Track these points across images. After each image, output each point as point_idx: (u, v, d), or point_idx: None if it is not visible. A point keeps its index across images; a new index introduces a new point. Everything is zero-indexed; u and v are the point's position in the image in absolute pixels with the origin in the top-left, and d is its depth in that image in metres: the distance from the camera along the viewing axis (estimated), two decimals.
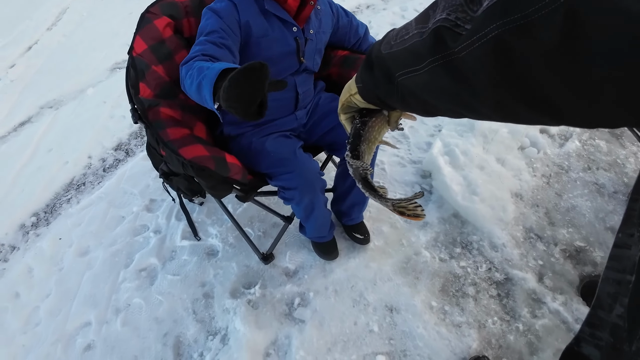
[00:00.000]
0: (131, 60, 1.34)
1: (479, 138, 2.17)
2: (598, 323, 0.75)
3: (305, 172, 1.35)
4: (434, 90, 0.49)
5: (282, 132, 1.49)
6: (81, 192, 2.31)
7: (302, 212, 1.49)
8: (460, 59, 0.42)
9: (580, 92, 0.34)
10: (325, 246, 1.75)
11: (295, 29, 1.35)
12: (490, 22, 0.38)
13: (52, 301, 1.79)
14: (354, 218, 1.79)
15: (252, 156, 1.41)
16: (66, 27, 4.46)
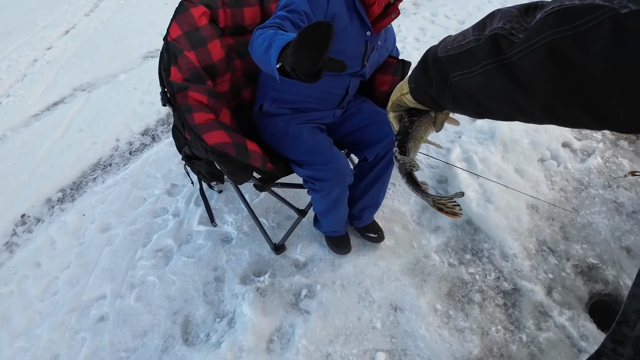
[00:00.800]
0: (165, 45, 1.40)
1: (499, 147, 2.16)
2: (621, 339, 0.74)
3: (339, 165, 1.38)
4: (486, 92, 0.53)
5: (318, 124, 1.53)
6: (107, 172, 2.41)
7: (325, 205, 1.51)
8: (512, 63, 0.47)
9: (628, 94, 0.37)
10: (340, 240, 1.78)
11: (369, 33, 1.39)
12: (542, 31, 0.42)
13: (71, 272, 1.87)
14: (365, 220, 1.81)
15: (287, 141, 1.44)
16: (103, 13, 4.62)
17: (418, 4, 4.20)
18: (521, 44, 0.45)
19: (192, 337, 1.61)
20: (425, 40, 3.56)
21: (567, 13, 0.40)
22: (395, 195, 2.06)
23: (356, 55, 1.41)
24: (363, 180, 1.66)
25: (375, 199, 1.72)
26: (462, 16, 3.94)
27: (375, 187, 1.67)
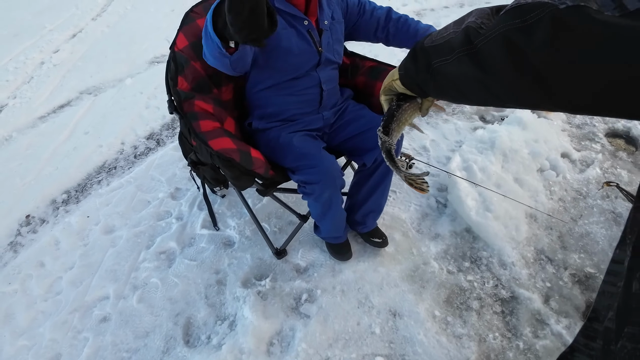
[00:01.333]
0: (172, 55, 1.44)
1: (499, 156, 2.19)
2: (593, 335, 0.78)
3: (328, 167, 1.41)
4: (459, 76, 0.62)
5: (308, 130, 1.56)
6: (112, 175, 2.44)
7: (319, 209, 1.54)
8: (477, 51, 0.56)
9: (565, 77, 0.46)
10: (340, 246, 1.80)
11: (306, 22, 1.41)
12: (499, 24, 0.52)
13: (75, 273, 1.90)
14: (369, 225, 1.83)
15: (278, 150, 1.48)
16: (110, 18, 4.68)
17: (421, 14, 4.25)
18: (484, 34, 0.54)
19: (194, 338, 1.63)
20: None
21: (519, 9, 0.49)
22: (395, 203, 2.09)
23: (305, 49, 1.43)
24: (364, 186, 1.69)
25: (378, 203, 1.75)
26: None
27: (377, 192, 1.70)
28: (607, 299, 0.73)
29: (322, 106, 1.57)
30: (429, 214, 2.05)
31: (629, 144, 2.62)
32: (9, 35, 4.57)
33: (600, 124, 2.76)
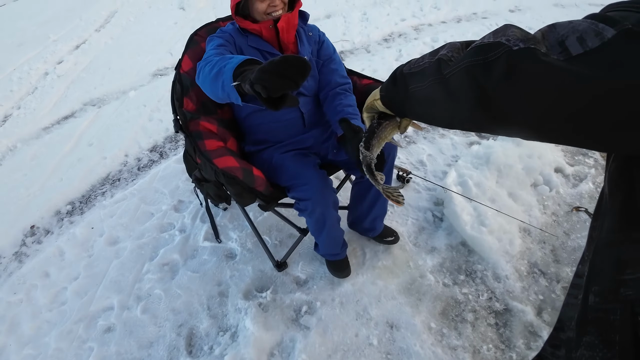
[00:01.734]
0: (178, 76, 1.50)
1: (493, 172, 2.25)
2: (558, 344, 0.83)
3: (319, 185, 1.47)
4: (430, 101, 0.69)
5: (300, 149, 1.62)
6: (116, 186, 2.50)
7: (314, 225, 1.59)
8: (446, 80, 0.63)
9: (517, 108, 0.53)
10: (338, 264, 1.85)
11: None
12: (465, 59, 0.59)
13: (80, 283, 1.93)
14: (378, 229, 1.92)
15: (272, 170, 1.55)
16: (114, 30, 4.76)
17: (419, 29, 4.34)
18: (452, 66, 0.61)
19: (196, 349, 1.67)
20: None
21: (482, 48, 0.56)
22: (393, 217, 2.14)
23: None
24: (367, 197, 1.76)
25: (384, 207, 1.84)
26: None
27: (381, 199, 1.77)
28: (570, 310, 0.79)
29: (307, 126, 1.62)
30: (425, 227, 2.10)
31: None
32: (13, 45, 4.64)
33: None
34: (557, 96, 0.48)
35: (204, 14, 5.04)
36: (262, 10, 1.40)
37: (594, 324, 0.69)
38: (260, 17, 1.42)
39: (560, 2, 5.26)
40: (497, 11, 4.82)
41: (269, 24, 1.42)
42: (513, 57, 0.51)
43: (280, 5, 1.41)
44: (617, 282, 0.63)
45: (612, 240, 0.64)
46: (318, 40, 1.61)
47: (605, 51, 0.45)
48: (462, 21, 4.54)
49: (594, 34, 0.46)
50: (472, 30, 4.27)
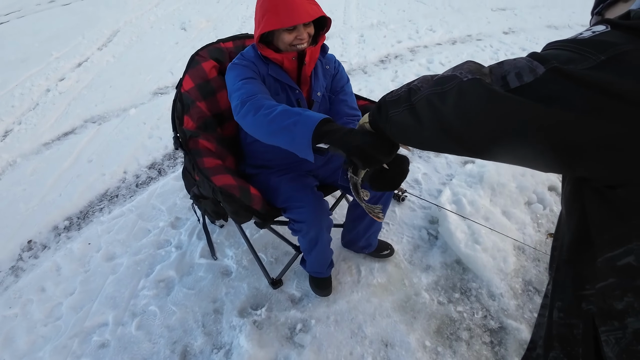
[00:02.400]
0: (179, 95, 1.54)
1: (487, 190, 2.29)
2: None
3: (315, 208, 1.49)
4: (404, 125, 0.78)
5: (298, 171, 1.65)
6: (114, 203, 2.51)
7: (306, 244, 1.62)
8: (413, 106, 0.72)
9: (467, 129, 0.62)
10: (321, 282, 1.86)
11: (297, 91, 1.47)
12: (427, 88, 0.69)
13: (75, 299, 1.93)
14: (374, 244, 1.95)
15: (270, 191, 1.57)
16: (116, 48, 4.84)
17: (415, 51, 4.44)
18: (418, 95, 0.71)
19: None
20: None
21: (442, 79, 0.66)
22: (388, 234, 2.16)
23: None
24: (364, 219, 1.79)
25: (379, 224, 1.87)
26: (457, 63, 4.16)
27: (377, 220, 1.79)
28: (539, 329, 0.84)
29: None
30: (420, 245, 2.12)
31: None
32: (16, 61, 4.70)
33: None
34: (498, 117, 0.57)
35: (205, 34, 5.14)
36: (289, 41, 1.36)
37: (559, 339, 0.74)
38: (284, 47, 1.39)
39: (553, 24, 5.39)
40: (491, 33, 4.94)
41: (292, 55, 1.40)
42: (462, 86, 0.61)
43: (307, 39, 1.38)
44: (578, 298, 0.69)
45: (571, 258, 0.70)
46: (334, 72, 1.60)
47: (536, 85, 0.53)
48: (457, 43, 4.65)
49: (529, 70, 0.54)
50: (466, 51, 4.37)
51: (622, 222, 0.57)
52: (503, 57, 4.37)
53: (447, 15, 5.56)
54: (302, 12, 1.28)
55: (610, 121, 0.48)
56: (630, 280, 0.58)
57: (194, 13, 6.09)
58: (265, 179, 1.61)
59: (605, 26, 0.54)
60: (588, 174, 0.58)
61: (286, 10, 1.27)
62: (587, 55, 0.51)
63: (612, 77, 0.48)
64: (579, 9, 6.42)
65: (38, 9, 7.06)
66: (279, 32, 1.35)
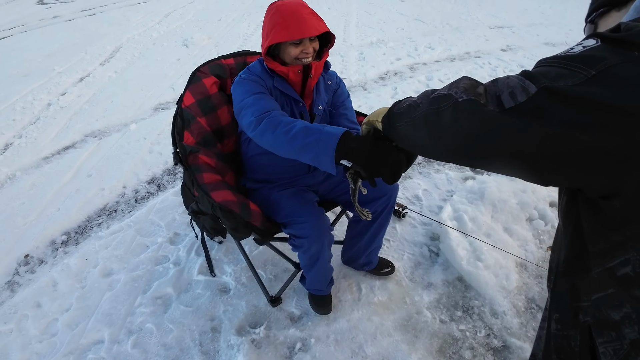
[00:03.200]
0: (180, 111, 1.54)
1: (488, 207, 2.27)
2: None
3: (317, 223, 1.48)
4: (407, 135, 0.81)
5: (299, 187, 1.64)
6: (112, 218, 2.50)
7: (307, 261, 1.59)
8: (413, 121, 0.76)
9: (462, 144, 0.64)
10: (321, 299, 1.83)
11: (300, 104, 1.50)
12: (425, 106, 0.72)
13: (71, 315, 1.90)
14: (374, 262, 1.93)
15: (270, 207, 1.56)
16: (118, 64, 4.89)
17: (414, 68, 4.49)
18: (418, 111, 0.74)
19: None
20: None
21: (438, 97, 0.68)
22: (389, 251, 2.14)
23: None
24: (366, 235, 1.77)
25: (380, 242, 1.85)
26: None
27: (378, 237, 1.80)
28: (539, 342, 0.85)
29: (311, 169, 1.64)
30: (422, 262, 2.09)
31: None
32: (19, 75, 4.74)
33: None
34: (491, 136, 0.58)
35: (207, 51, 5.20)
36: (295, 55, 1.39)
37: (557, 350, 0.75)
38: (290, 61, 1.42)
39: (550, 41, 5.47)
40: (490, 50, 5.00)
41: (298, 68, 1.43)
42: (457, 106, 0.62)
43: (312, 53, 1.41)
44: (575, 309, 0.70)
45: (568, 270, 0.71)
46: (335, 87, 1.64)
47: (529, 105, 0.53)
48: (456, 60, 4.70)
49: (521, 89, 0.55)
50: (465, 68, 4.41)
51: (617, 232, 0.57)
52: (501, 74, 4.41)
53: (446, 34, 5.64)
54: (310, 26, 1.33)
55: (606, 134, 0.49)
56: (628, 290, 0.59)
57: (196, 30, 6.18)
58: (266, 193, 1.60)
59: (595, 40, 0.54)
60: (583, 185, 0.58)
61: (295, 24, 1.31)
62: (578, 70, 0.51)
63: (604, 91, 0.48)
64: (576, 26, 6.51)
65: (42, 24, 7.17)
66: (285, 46, 1.39)
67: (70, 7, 8.60)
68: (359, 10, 7.25)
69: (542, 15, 6.93)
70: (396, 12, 7.12)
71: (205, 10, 7.74)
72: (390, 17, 6.76)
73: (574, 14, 6.99)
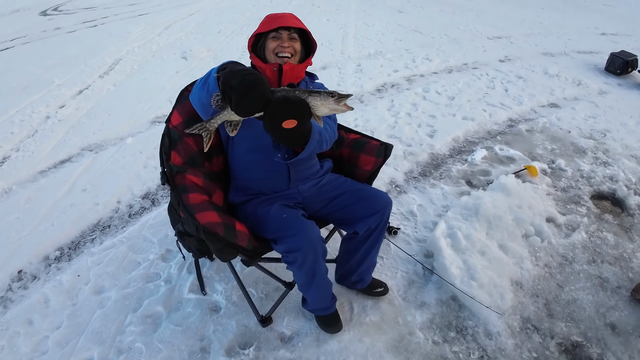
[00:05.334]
0: (167, 130, 1.54)
1: (483, 223, 2.25)
2: None
3: (308, 234, 1.43)
4: None
5: (285, 203, 1.61)
6: (105, 233, 2.48)
7: (304, 277, 1.54)
8: None
9: None
10: (329, 318, 1.78)
11: None
12: None
13: (62, 333, 1.88)
14: (367, 280, 1.90)
15: (257, 223, 1.54)
16: (117, 77, 4.91)
17: (411, 80, 4.49)
18: None
19: None
20: (417, 115, 3.78)
21: None
22: (382, 269, 2.12)
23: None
24: (359, 251, 1.75)
25: (373, 260, 1.82)
26: (453, 92, 4.19)
27: (371, 253, 1.77)
28: None
29: (292, 181, 1.61)
30: (415, 281, 2.07)
31: (615, 205, 2.69)
32: (18, 87, 4.77)
33: (586, 186, 2.85)
34: None
35: (205, 63, 5.23)
36: (272, 48, 1.53)
37: None
38: (270, 56, 1.55)
39: (549, 51, 5.48)
40: (488, 61, 5.01)
41: (274, 66, 1.52)
42: None
43: (290, 50, 1.55)
44: None
45: None
46: None
47: None
48: (453, 72, 4.71)
49: None
50: (462, 80, 4.42)
51: None
52: (499, 85, 4.42)
53: (444, 45, 5.67)
54: (288, 20, 1.53)
55: None
56: None
57: (196, 43, 6.22)
58: (253, 209, 1.58)
59: None
60: None
61: (275, 19, 1.53)
62: None
63: None
64: (575, 36, 6.54)
65: (43, 35, 7.24)
66: (266, 40, 1.56)
67: (72, 18, 8.68)
68: (357, 22, 7.30)
69: (540, 25, 6.96)
70: (394, 23, 7.16)
71: (205, 22, 7.80)
72: (389, 28, 6.80)
73: (573, 23, 7.01)
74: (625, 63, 4.85)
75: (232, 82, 1.01)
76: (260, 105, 1.03)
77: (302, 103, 1.07)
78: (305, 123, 1.11)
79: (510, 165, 3.11)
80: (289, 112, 1.05)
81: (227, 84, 1.01)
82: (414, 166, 3.09)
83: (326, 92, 1.10)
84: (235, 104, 1.01)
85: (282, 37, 1.53)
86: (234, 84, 1.00)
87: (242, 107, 1.02)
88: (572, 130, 3.68)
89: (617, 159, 3.19)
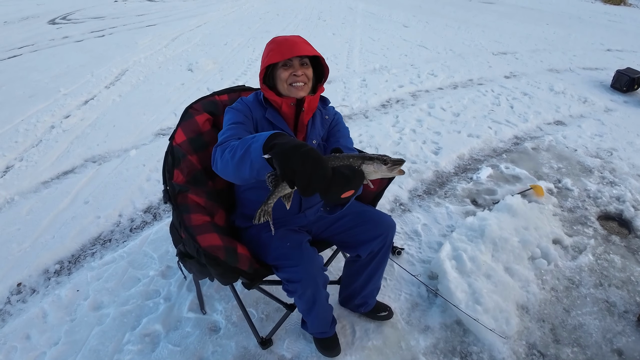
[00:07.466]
0: (170, 148, 1.52)
1: (489, 245, 2.21)
2: None
3: (309, 266, 1.41)
4: None
5: (289, 228, 1.59)
6: (106, 247, 2.46)
7: (304, 305, 1.52)
8: None
9: None
10: (327, 342, 1.75)
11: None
12: None
13: (59, 349, 1.84)
14: (370, 304, 1.86)
15: (260, 247, 1.51)
16: (123, 87, 4.93)
17: (416, 96, 4.49)
18: None
19: None
20: (421, 132, 3.76)
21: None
22: (386, 291, 2.08)
23: None
24: (362, 275, 1.72)
25: (377, 283, 1.79)
26: (458, 108, 4.18)
27: (376, 276, 1.74)
28: None
29: (302, 208, 1.60)
30: (419, 304, 2.03)
31: (621, 226, 2.65)
32: (24, 96, 4.79)
33: (593, 206, 2.81)
34: None
35: (211, 76, 5.26)
36: (285, 78, 1.41)
37: None
38: (282, 87, 1.43)
39: (554, 68, 5.47)
40: (493, 77, 5.00)
41: (291, 100, 1.44)
42: None
43: (303, 79, 1.42)
44: None
45: None
46: (332, 121, 1.61)
47: None
48: (459, 87, 4.70)
49: None
50: (467, 96, 4.41)
51: None
52: (504, 102, 4.40)
53: (449, 60, 5.67)
54: (300, 48, 1.38)
55: None
56: None
57: (202, 55, 6.26)
58: (256, 233, 1.56)
59: None
60: None
61: (286, 47, 1.38)
62: None
63: None
64: (580, 52, 6.54)
65: (51, 44, 7.31)
66: (278, 70, 1.42)
67: (80, 27, 8.78)
68: (362, 36, 7.34)
69: (545, 41, 6.97)
70: (400, 37, 7.20)
71: (212, 34, 7.87)
72: (394, 42, 6.83)
73: (578, 39, 7.02)
74: (632, 80, 4.83)
75: (294, 167, 0.95)
76: (323, 188, 1.01)
77: (359, 176, 1.05)
78: (359, 189, 1.12)
79: (516, 184, 3.08)
80: (348, 187, 1.03)
81: (288, 168, 0.96)
82: (418, 184, 3.07)
83: (379, 159, 1.08)
84: (302, 190, 0.97)
85: (293, 65, 1.41)
86: (297, 170, 0.95)
87: (309, 192, 0.98)
88: (578, 149, 3.65)
89: (624, 179, 3.16)
